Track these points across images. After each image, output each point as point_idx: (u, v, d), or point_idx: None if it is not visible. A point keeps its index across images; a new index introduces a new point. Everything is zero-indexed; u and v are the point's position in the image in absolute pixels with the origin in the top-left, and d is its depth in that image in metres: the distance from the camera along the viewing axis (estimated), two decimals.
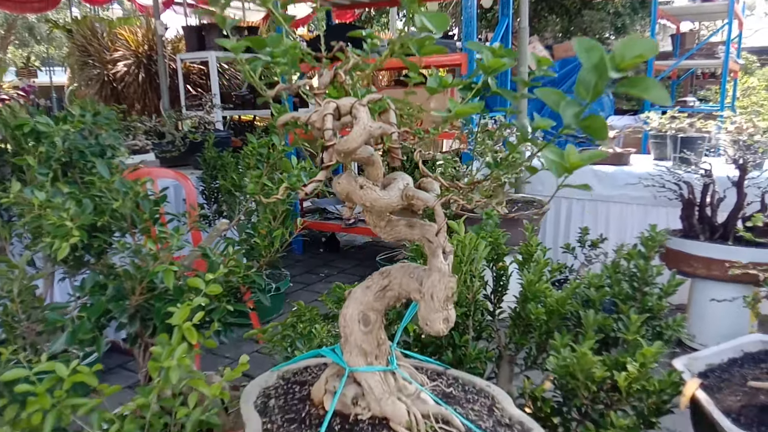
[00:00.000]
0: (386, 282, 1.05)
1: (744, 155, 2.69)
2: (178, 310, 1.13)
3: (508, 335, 1.72)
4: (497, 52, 0.93)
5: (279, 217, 1.58)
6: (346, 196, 0.89)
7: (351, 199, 0.89)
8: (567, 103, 0.60)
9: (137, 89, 6.48)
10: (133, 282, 1.37)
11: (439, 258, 0.94)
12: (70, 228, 1.35)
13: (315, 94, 0.82)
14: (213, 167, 3.24)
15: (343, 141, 0.78)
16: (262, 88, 0.89)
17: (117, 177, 1.49)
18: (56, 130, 1.66)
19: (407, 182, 0.93)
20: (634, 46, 0.57)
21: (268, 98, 0.86)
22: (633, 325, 1.39)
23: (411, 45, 0.86)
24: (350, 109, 0.80)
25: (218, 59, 4.97)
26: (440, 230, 0.89)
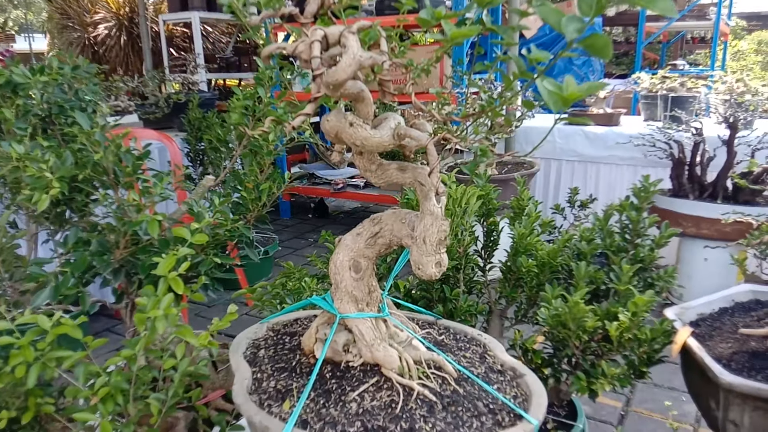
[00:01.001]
0: (377, 228, 1.03)
1: (735, 113, 2.67)
2: (163, 260, 1.10)
3: (499, 290, 1.71)
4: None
5: (266, 169, 1.54)
6: (335, 136, 0.86)
7: (340, 138, 0.86)
8: (569, 19, 0.57)
9: (119, 53, 6.32)
10: (116, 235, 1.34)
11: (431, 201, 0.91)
12: (49, 179, 1.31)
13: (301, 23, 0.78)
14: (197, 128, 3.17)
15: (331, 71, 0.74)
16: (245, 15, 0.85)
17: (97, 129, 1.44)
18: (33, 82, 1.60)
19: (399, 121, 0.90)
20: None
21: (251, 27, 0.82)
22: (625, 275, 1.38)
23: None
24: (339, 38, 0.76)
25: (201, 20, 4.84)
26: (433, 170, 0.86)
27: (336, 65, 0.74)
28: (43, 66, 1.66)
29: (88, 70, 1.90)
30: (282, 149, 1.50)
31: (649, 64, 6.95)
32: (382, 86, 0.79)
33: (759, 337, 1.22)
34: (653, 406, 2.20)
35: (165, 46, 5.04)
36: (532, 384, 1.00)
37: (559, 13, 0.60)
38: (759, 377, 1.10)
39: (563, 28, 0.57)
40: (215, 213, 1.33)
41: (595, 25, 6.53)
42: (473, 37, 1.06)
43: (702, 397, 1.23)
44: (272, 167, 1.55)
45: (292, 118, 0.73)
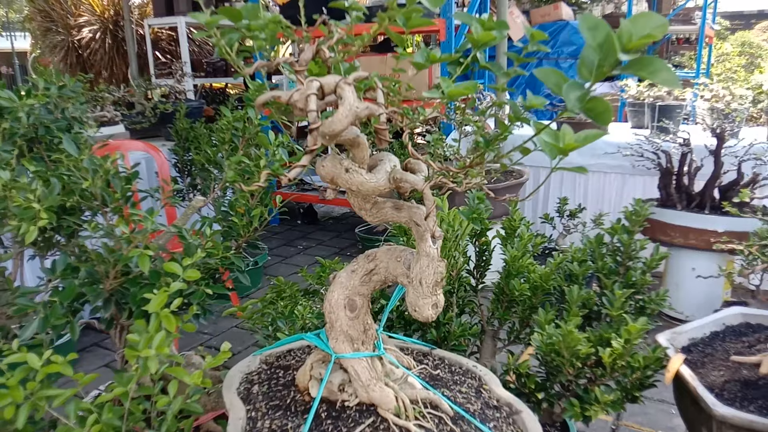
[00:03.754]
0: (372, 266, 1.02)
1: (722, 124, 2.69)
2: (155, 297, 1.08)
3: (491, 309, 1.71)
4: (487, 24, 0.89)
5: (257, 194, 1.53)
6: (331, 180, 0.85)
7: (336, 183, 0.85)
8: (570, 86, 0.57)
9: (104, 56, 6.25)
10: (106, 266, 1.32)
11: (427, 242, 0.91)
12: (37, 210, 1.28)
13: (296, 71, 0.77)
14: (185, 139, 3.14)
15: (328, 123, 0.73)
16: (240, 65, 0.83)
17: (86, 154, 1.42)
18: (21, 105, 1.58)
19: (394, 164, 0.89)
20: (644, 23, 0.53)
21: (245, 75, 0.81)
22: (617, 300, 1.39)
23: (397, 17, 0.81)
24: (335, 88, 0.75)
25: (188, 25, 4.80)
26: (429, 214, 0.86)
27: (332, 116, 0.74)
28: (30, 89, 1.64)
29: (75, 89, 1.88)
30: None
31: None
32: (378, 134, 0.79)
33: (750, 364, 1.23)
34: (643, 420, 2.21)
35: (150, 51, 4.99)
36: (529, 422, 1.00)
37: (559, 76, 0.60)
38: (751, 407, 1.11)
39: (564, 95, 0.57)
40: (207, 242, 1.31)
41: None
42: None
43: (695, 424, 1.24)
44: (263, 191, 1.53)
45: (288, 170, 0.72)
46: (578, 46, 6.55)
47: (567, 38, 6.45)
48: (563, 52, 6.49)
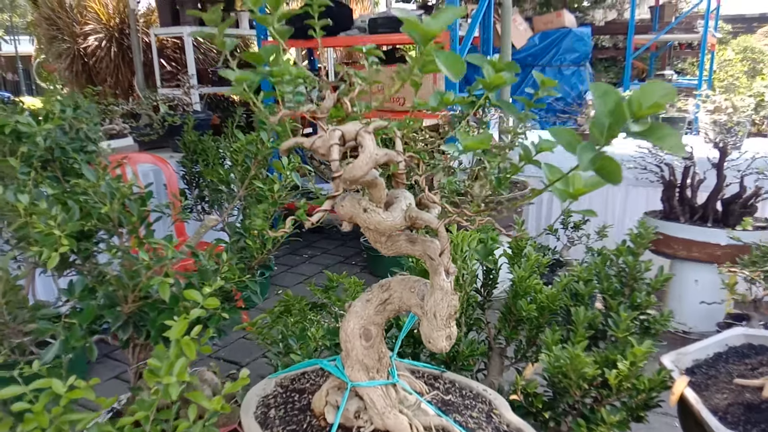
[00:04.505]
0: (386, 296, 1.05)
1: (724, 138, 2.72)
2: (176, 324, 1.11)
3: (498, 327, 1.74)
4: (498, 65, 0.92)
5: (270, 217, 1.57)
6: (350, 219, 0.88)
7: (354, 221, 0.89)
8: (583, 148, 0.60)
9: (109, 64, 6.29)
10: (125, 290, 1.36)
11: (441, 276, 0.94)
12: (58, 237, 1.32)
13: (317, 118, 0.81)
14: (193, 152, 3.18)
15: (349, 169, 0.77)
16: (266, 115, 0.87)
17: (103, 180, 1.46)
18: (38, 130, 1.61)
19: (409, 201, 0.93)
20: (652, 93, 0.57)
21: (271, 125, 0.85)
22: (623, 323, 1.42)
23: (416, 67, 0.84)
24: (355, 136, 0.79)
25: (193, 34, 4.84)
26: (444, 252, 0.89)
27: (354, 163, 0.77)
28: (47, 113, 1.67)
29: (89, 110, 1.91)
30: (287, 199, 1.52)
31: (638, 73, 7.03)
32: (395, 178, 0.82)
33: (753, 388, 1.26)
34: None
35: (156, 61, 5.03)
36: None
37: (572, 136, 0.63)
38: (754, 431, 1.15)
39: (578, 156, 0.60)
40: (223, 267, 1.35)
41: (584, 35, 6.58)
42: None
43: None
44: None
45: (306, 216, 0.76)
46: (581, 54, 6.58)
47: (570, 46, 6.48)
48: (566, 60, 6.52)
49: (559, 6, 7.43)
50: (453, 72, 0.60)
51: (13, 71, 11.64)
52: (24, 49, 17.12)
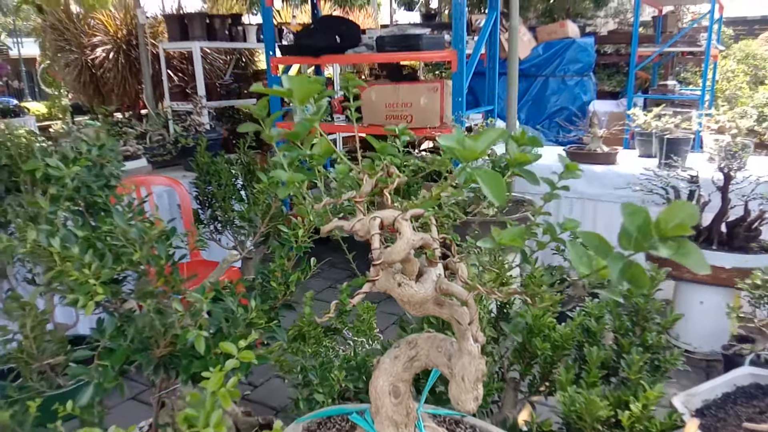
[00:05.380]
0: (413, 353, 1.11)
1: (729, 163, 2.78)
2: (213, 376, 1.17)
3: (512, 360, 1.80)
4: (521, 139, 0.98)
5: (293, 258, 1.62)
6: (384, 291, 0.94)
7: (388, 293, 0.94)
8: (613, 259, 0.66)
9: (117, 75, 6.35)
10: (157, 336, 1.41)
11: (469, 341, 1.00)
12: (93, 286, 1.38)
13: (356, 202, 0.86)
14: (206, 172, 3.23)
15: (387, 253, 0.82)
16: (311, 212, 0.92)
17: (134, 227, 1.51)
18: (68, 173, 1.67)
19: (439, 272, 0.98)
20: (676, 214, 0.62)
21: (323, 233, 0.90)
22: (635, 364, 1.48)
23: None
24: (393, 222, 0.84)
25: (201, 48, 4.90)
26: (473, 321, 0.94)
27: (392, 248, 0.82)
28: (76, 157, 1.73)
29: (113, 148, 1.97)
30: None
31: (641, 83, 7.08)
32: (429, 261, 0.88)
33: None
34: None
35: (165, 76, 5.09)
36: None
37: (605, 245, 0.68)
38: None
39: (609, 266, 0.66)
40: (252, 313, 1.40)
41: (588, 46, 6.63)
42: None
43: None
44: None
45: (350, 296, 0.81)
46: (584, 64, 6.64)
47: (573, 56, 6.53)
48: (569, 70, 6.58)
49: (562, 15, 7.48)
50: (495, 194, 0.65)
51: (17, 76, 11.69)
52: (27, 52, 17.14)
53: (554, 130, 6.55)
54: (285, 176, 0.85)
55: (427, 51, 3.97)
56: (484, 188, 0.64)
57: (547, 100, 6.60)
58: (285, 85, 0.83)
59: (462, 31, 3.72)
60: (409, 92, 4.07)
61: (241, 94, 5.41)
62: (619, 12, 8.50)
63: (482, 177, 0.65)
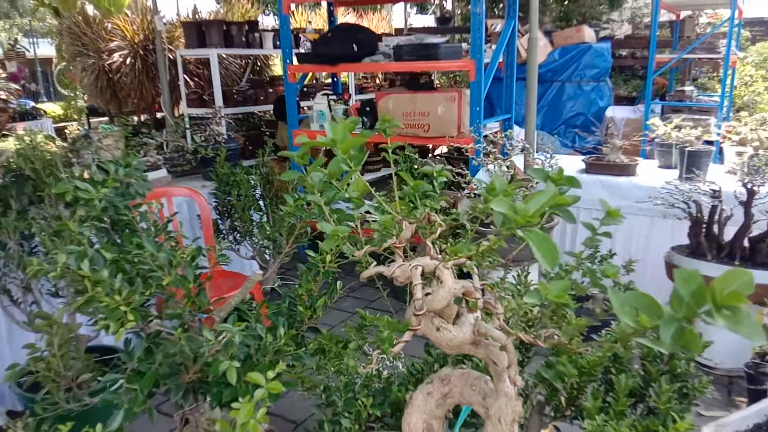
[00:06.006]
0: (447, 389, 1.11)
1: (753, 179, 2.75)
2: (243, 407, 1.18)
3: (536, 381, 1.79)
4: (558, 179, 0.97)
5: (319, 282, 1.63)
6: (423, 335, 0.94)
7: (427, 337, 0.94)
8: (666, 323, 0.65)
9: (134, 80, 6.39)
10: (187, 362, 1.42)
11: (505, 382, 0.99)
12: (124, 313, 1.39)
13: (397, 247, 0.86)
14: (226, 183, 3.25)
15: (429, 300, 0.82)
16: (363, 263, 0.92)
17: (163, 252, 1.52)
18: (96, 196, 1.69)
19: (476, 316, 0.98)
20: (731, 281, 0.62)
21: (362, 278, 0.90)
22: (664, 394, 1.47)
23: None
24: (434, 270, 0.84)
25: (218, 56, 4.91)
26: (511, 366, 0.94)
27: (434, 296, 0.82)
28: (105, 179, 1.74)
29: (138, 167, 1.98)
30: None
31: (658, 89, 7.02)
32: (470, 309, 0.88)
33: None
34: None
35: (183, 83, 5.12)
36: None
37: (655, 306, 0.68)
38: None
39: (661, 334, 0.65)
40: (281, 340, 1.41)
41: (605, 51, 6.59)
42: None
43: None
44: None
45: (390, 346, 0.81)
46: (600, 69, 6.60)
47: (590, 61, 6.49)
48: (585, 75, 6.54)
49: (578, 20, 7.44)
50: (548, 259, 0.65)
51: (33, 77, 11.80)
52: (42, 52, 17.25)
53: (570, 135, 6.53)
54: (329, 228, 0.85)
55: (445, 60, 3.97)
56: (536, 252, 0.64)
57: (563, 106, 6.57)
58: (328, 134, 0.83)
59: (480, 40, 3.71)
60: (427, 101, 4.07)
61: (257, 100, 5.43)
62: (635, 16, 8.43)
63: (534, 240, 0.65)
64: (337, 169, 1.02)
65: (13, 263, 2.41)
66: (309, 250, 1.56)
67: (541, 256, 0.64)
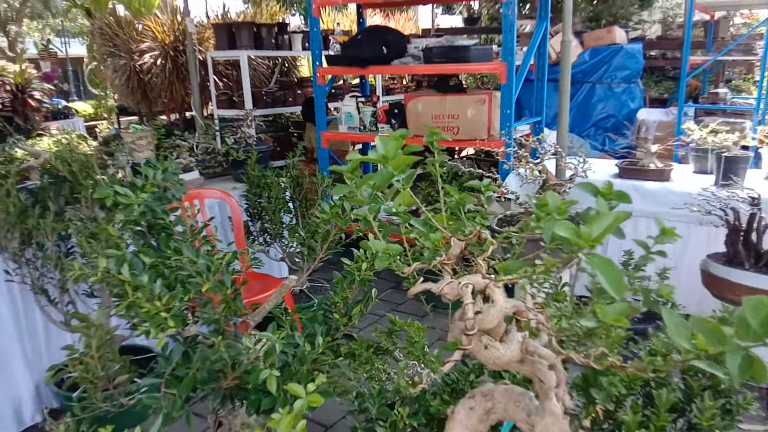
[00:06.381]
0: (490, 405, 1.09)
1: None
2: (283, 419, 1.18)
3: (573, 387, 1.76)
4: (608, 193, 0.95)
5: (355, 290, 1.62)
6: (471, 354, 0.93)
7: (474, 355, 0.93)
8: (732, 354, 0.63)
9: (164, 80, 6.47)
10: (225, 369, 1.43)
11: (552, 401, 0.98)
12: (165, 319, 1.40)
13: (446, 264, 0.85)
14: (257, 185, 3.27)
15: (479, 319, 0.81)
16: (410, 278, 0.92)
17: (202, 258, 1.53)
18: (135, 201, 1.70)
19: (524, 333, 0.96)
20: None
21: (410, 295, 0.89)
22: (708, 410, 1.43)
23: None
24: (484, 288, 0.83)
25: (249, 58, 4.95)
26: (560, 384, 0.92)
27: (484, 315, 0.81)
28: (144, 183, 1.76)
29: (175, 171, 2.00)
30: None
31: (691, 91, 6.89)
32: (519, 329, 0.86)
33: None
34: None
35: (213, 85, 5.16)
36: None
37: (719, 333, 0.66)
38: None
39: (728, 365, 0.63)
40: (319, 350, 1.41)
41: (636, 52, 6.48)
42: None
43: None
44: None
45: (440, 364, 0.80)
46: (632, 71, 6.49)
47: (621, 63, 6.39)
48: (616, 77, 6.44)
49: (609, 20, 7.33)
50: (614, 287, 0.63)
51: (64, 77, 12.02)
52: (72, 52, 17.54)
53: (600, 138, 6.43)
54: (380, 246, 0.84)
55: (475, 63, 3.94)
56: (602, 279, 0.62)
57: (593, 108, 6.48)
58: (379, 149, 0.82)
59: (512, 43, 3.68)
60: (456, 104, 4.05)
61: (286, 102, 5.46)
62: (667, 17, 8.27)
63: (598, 266, 0.64)
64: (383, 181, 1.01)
65: (51, 264, 2.46)
66: (344, 258, 1.56)
67: (606, 284, 0.62)
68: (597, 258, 0.65)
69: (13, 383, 2.49)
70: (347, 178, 0.90)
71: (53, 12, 17.88)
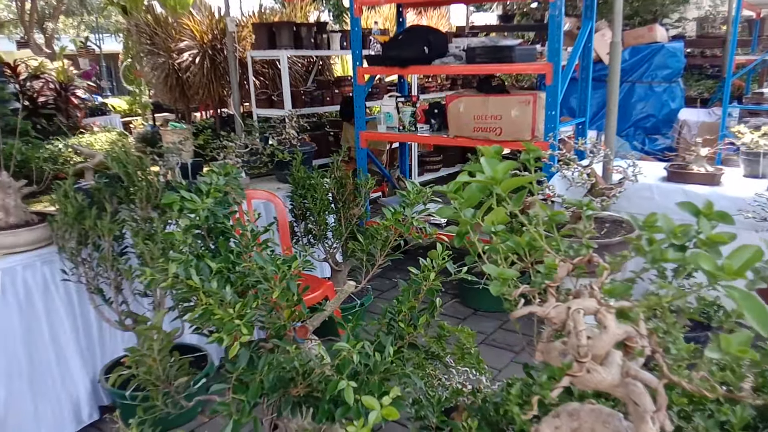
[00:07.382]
0: (576, 425, 1.08)
1: None
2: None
3: None
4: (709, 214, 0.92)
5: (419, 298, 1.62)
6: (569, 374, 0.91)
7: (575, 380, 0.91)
8: None
9: (202, 78, 6.53)
10: (296, 377, 1.43)
11: (648, 424, 0.96)
12: (238, 326, 1.41)
13: (548, 286, 0.84)
14: (302, 187, 3.28)
15: (591, 344, 0.80)
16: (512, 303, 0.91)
17: (270, 265, 1.54)
18: (201, 206, 1.72)
19: (621, 354, 0.95)
20: None
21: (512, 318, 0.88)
22: None
23: None
24: (595, 313, 0.81)
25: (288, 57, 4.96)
26: (661, 409, 0.91)
27: (595, 342, 0.80)
28: (209, 189, 1.78)
29: (236, 176, 2.02)
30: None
31: (734, 90, 6.73)
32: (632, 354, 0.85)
33: None
34: None
35: (252, 85, 5.19)
36: None
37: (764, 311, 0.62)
38: None
39: None
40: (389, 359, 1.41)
41: (677, 51, 6.35)
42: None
43: None
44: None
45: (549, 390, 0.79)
46: (673, 70, 6.37)
47: (662, 62, 6.27)
48: (657, 76, 6.32)
49: (646, 18, 7.19)
50: (760, 321, 0.62)
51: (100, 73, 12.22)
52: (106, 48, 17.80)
53: (639, 138, 6.32)
54: (494, 270, 0.83)
55: (519, 63, 3.90)
56: (748, 315, 0.60)
57: (632, 107, 6.36)
58: (486, 171, 0.81)
59: (558, 43, 3.62)
60: (500, 104, 4.01)
61: (324, 101, 5.47)
62: (708, 15, 8.09)
63: (740, 300, 0.62)
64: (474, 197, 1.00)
65: (107, 264, 2.50)
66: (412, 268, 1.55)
67: (753, 320, 0.60)
68: (738, 292, 0.63)
69: (72, 381, 2.53)
70: (451, 198, 0.89)
71: (89, 9, 18.18)
